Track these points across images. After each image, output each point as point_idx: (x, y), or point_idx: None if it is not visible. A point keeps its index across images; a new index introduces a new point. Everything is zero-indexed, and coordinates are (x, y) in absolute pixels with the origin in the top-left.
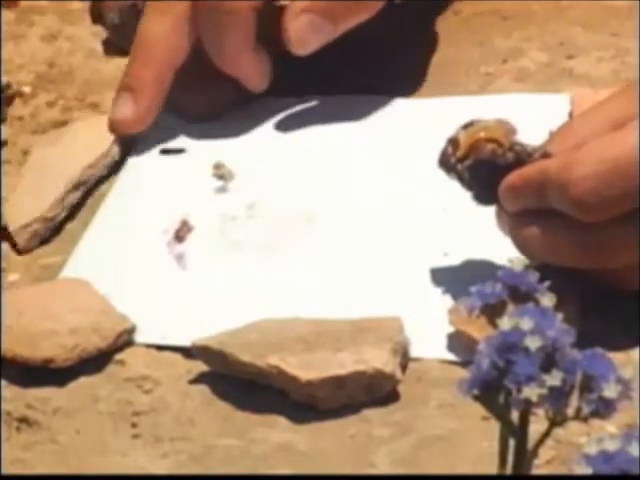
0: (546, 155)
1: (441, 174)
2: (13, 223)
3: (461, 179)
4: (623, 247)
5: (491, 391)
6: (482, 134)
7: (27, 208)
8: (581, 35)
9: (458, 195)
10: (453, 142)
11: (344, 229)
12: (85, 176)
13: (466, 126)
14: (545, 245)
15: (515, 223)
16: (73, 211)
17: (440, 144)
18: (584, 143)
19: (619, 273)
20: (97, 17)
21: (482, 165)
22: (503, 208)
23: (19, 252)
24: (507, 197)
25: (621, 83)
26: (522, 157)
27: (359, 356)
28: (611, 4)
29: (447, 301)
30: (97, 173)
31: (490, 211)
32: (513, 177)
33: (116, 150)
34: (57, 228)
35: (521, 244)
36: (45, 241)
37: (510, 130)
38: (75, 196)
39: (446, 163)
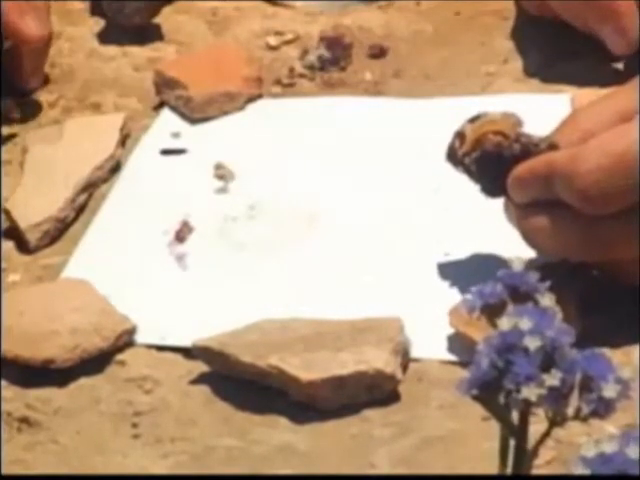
0: (552, 146)
1: (441, 174)
2: (22, 222)
3: (469, 172)
4: (628, 240)
5: (490, 391)
6: (488, 127)
7: (37, 207)
8: (581, 35)
9: (459, 195)
10: (460, 136)
11: (344, 229)
12: (94, 177)
13: (472, 120)
14: (551, 237)
15: (522, 214)
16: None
17: (440, 144)
18: (590, 135)
19: (624, 267)
20: (95, 6)
21: (489, 157)
22: (511, 200)
23: (27, 251)
24: (515, 189)
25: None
26: (528, 148)
27: (360, 356)
28: None
29: (448, 301)
30: (103, 175)
31: (491, 211)
32: (521, 169)
33: (118, 151)
34: (65, 229)
35: (528, 235)
36: (53, 241)
37: (516, 122)
38: (83, 197)
39: (453, 157)
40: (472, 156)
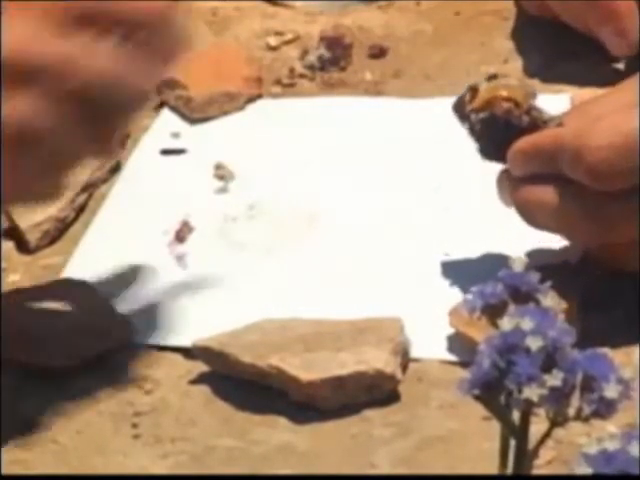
0: (561, 126)
1: (442, 174)
2: (22, 222)
3: (472, 129)
4: (629, 221)
5: (492, 391)
6: (502, 92)
7: (37, 207)
8: (581, 35)
9: (459, 195)
10: (472, 90)
11: (344, 229)
12: (94, 178)
13: (489, 78)
14: (549, 211)
15: (519, 187)
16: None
17: (440, 144)
18: (599, 119)
19: (622, 250)
20: None
21: (496, 122)
22: (506, 173)
23: (27, 251)
24: (516, 160)
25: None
26: (537, 123)
27: (360, 356)
28: None
29: (448, 301)
30: (103, 175)
31: (491, 210)
32: (525, 142)
33: (118, 151)
34: (65, 229)
35: (524, 209)
36: (53, 241)
37: (530, 93)
38: (83, 197)
39: (461, 110)
40: (479, 115)
